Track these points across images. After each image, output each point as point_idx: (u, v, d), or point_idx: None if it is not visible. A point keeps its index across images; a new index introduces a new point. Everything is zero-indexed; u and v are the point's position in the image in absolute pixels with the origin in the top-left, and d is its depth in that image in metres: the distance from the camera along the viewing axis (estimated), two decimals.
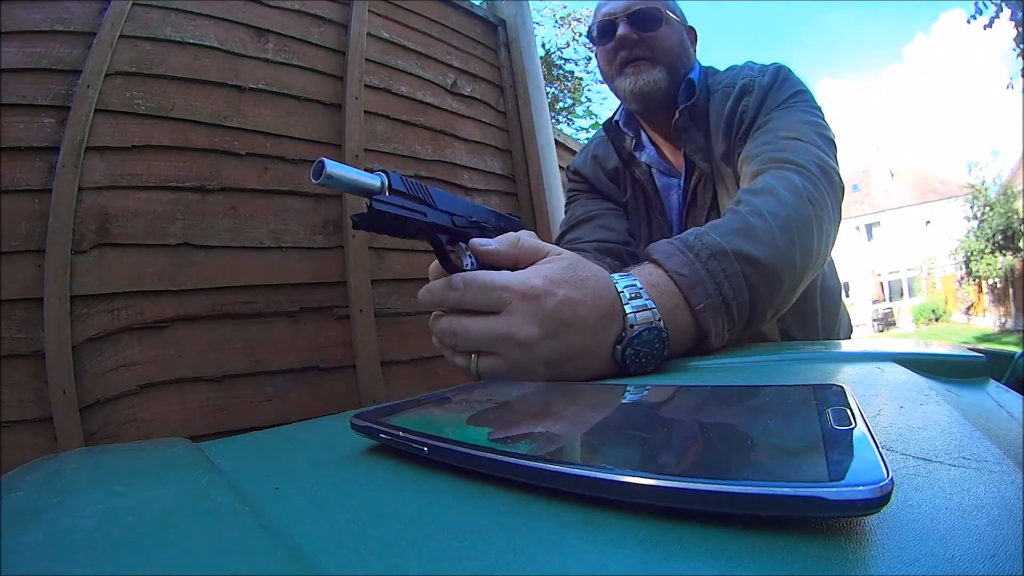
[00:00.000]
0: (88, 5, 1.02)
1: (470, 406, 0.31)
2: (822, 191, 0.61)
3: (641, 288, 0.44)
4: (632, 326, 0.41)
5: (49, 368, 0.87)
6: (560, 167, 1.94)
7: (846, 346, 0.50)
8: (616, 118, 0.95)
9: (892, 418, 0.24)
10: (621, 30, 0.82)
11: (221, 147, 1.11)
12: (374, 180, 0.37)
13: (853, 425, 0.19)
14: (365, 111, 1.35)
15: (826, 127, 0.73)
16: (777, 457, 0.18)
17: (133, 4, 1.05)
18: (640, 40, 0.83)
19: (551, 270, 0.42)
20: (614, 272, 0.46)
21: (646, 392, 0.31)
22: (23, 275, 0.89)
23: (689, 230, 0.51)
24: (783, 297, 0.54)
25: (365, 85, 1.37)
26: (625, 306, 0.42)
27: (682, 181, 0.87)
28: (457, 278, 0.41)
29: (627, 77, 0.85)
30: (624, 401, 0.29)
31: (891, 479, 0.14)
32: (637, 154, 0.91)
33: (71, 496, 0.23)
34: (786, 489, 0.14)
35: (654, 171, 0.91)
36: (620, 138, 0.94)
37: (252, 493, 0.22)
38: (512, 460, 0.19)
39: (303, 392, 1.13)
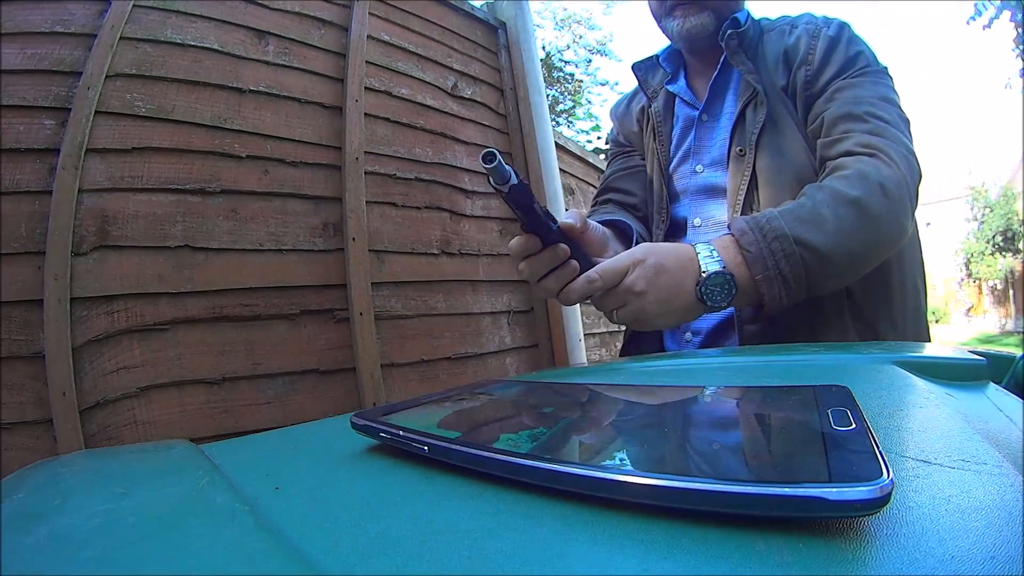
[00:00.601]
0: (89, 7, 1.02)
1: (470, 406, 0.31)
2: (903, 186, 0.68)
3: (714, 250, 0.62)
4: (704, 272, 0.60)
5: (49, 370, 0.87)
6: (560, 170, 1.94)
7: (847, 349, 0.50)
8: (658, 54, 0.98)
9: (892, 420, 0.24)
10: None
11: (221, 149, 1.11)
12: (512, 174, 0.51)
13: (853, 426, 0.19)
14: (365, 113, 1.35)
15: (901, 103, 0.78)
16: (778, 457, 0.18)
17: (134, 6, 1.06)
18: None
19: (642, 249, 0.62)
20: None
21: (647, 393, 0.31)
22: (23, 277, 0.89)
23: (766, 211, 0.65)
24: (840, 277, 0.67)
25: (365, 87, 1.37)
26: (700, 261, 0.61)
27: (698, 112, 0.89)
28: (593, 273, 0.61)
29: (675, 19, 0.87)
30: (626, 401, 0.29)
31: (891, 480, 0.14)
32: (669, 86, 0.95)
33: (72, 498, 0.23)
34: (786, 489, 0.14)
35: (678, 100, 0.94)
36: (651, 74, 0.98)
37: (252, 493, 0.22)
38: (513, 460, 0.19)
39: (303, 395, 1.13)
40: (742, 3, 0.90)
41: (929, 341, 0.84)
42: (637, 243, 0.82)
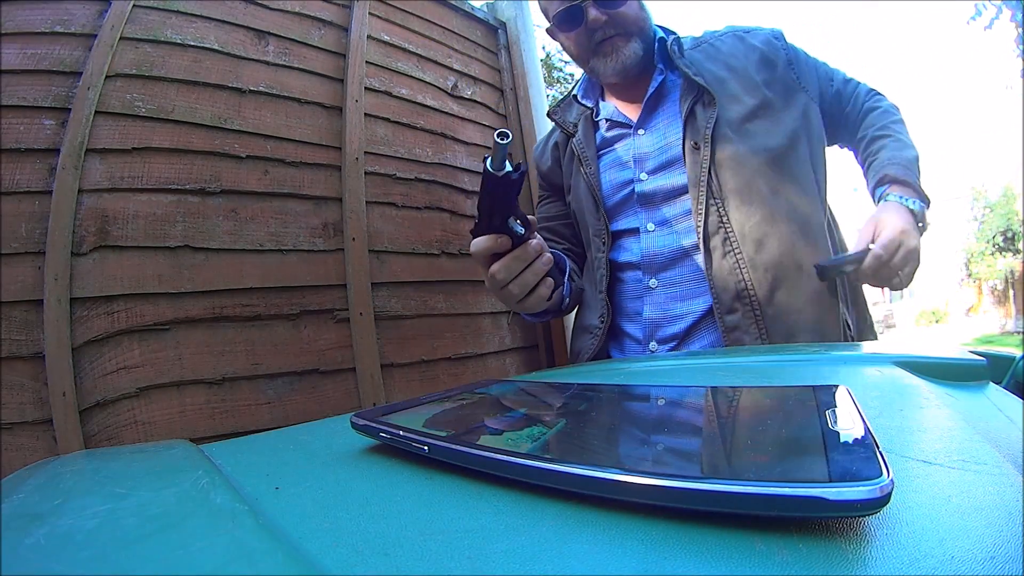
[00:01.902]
0: (89, 7, 1.02)
1: (470, 406, 0.31)
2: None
3: (903, 196, 0.82)
4: (920, 223, 0.81)
5: (49, 370, 0.87)
6: None
7: (847, 349, 0.50)
8: (575, 92, 1.02)
9: (892, 420, 0.24)
10: (592, 13, 0.86)
11: (221, 149, 1.11)
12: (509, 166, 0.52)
13: (853, 426, 0.19)
14: (365, 114, 1.35)
15: None
16: (778, 457, 0.18)
17: (134, 6, 1.06)
18: (609, 19, 0.87)
19: (888, 223, 0.78)
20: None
21: (647, 393, 0.31)
22: (23, 277, 0.89)
23: (895, 160, 0.85)
24: None
25: (365, 88, 1.37)
26: (908, 205, 0.81)
27: (633, 129, 0.93)
28: (878, 249, 0.75)
29: (605, 57, 0.90)
30: (625, 401, 0.29)
31: (891, 480, 0.14)
32: (603, 116, 0.97)
33: (73, 498, 0.23)
34: (786, 489, 0.14)
35: (603, 125, 0.98)
36: (567, 113, 1.02)
37: (252, 493, 0.22)
38: (512, 460, 0.19)
39: (303, 395, 1.13)
40: (651, 22, 0.94)
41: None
42: (570, 276, 0.88)
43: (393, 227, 1.36)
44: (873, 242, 0.77)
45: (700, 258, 0.82)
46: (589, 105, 0.98)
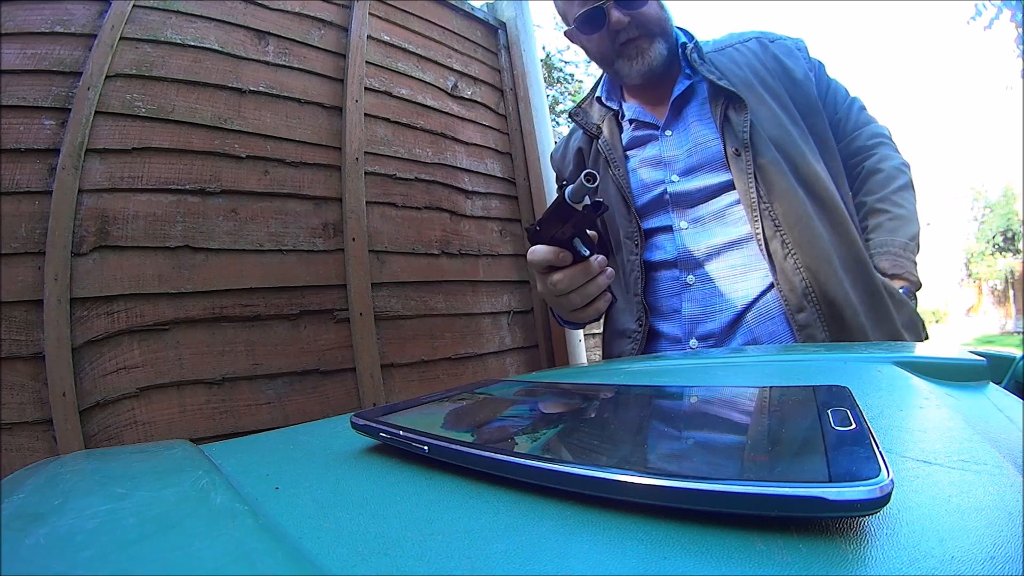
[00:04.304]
0: (89, 7, 1.02)
1: (470, 406, 0.31)
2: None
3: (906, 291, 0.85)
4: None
5: (49, 370, 0.87)
6: None
7: (847, 348, 0.50)
8: (599, 94, 1.01)
9: (892, 420, 0.24)
10: (615, 15, 0.85)
11: (221, 150, 1.11)
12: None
13: (854, 426, 0.19)
14: (365, 114, 1.35)
15: None
16: (778, 457, 0.18)
17: (134, 6, 1.06)
18: (632, 20, 0.86)
19: None
20: None
21: (648, 392, 0.31)
22: (23, 277, 0.89)
23: (888, 247, 0.87)
24: None
25: (365, 88, 1.37)
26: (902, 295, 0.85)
27: (660, 130, 0.92)
28: None
29: (631, 59, 0.89)
30: (626, 401, 0.29)
31: (891, 480, 0.14)
32: (631, 115, 0.96)
33: (72, 498, 0.23)
34: (786, 489, 0.14)
35: (628, 126, 0.97)
36: (587, 115, 1.02)
37: (252, 493, 0.22)
38: (512, 460, 0.19)
39: (303, 395, 1.13)
40: (672, 22, 0.93)
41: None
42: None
43: (393, 227, 1.36)
44: None
45: (737, 254, 0.83)
46: (614, 107, 0.98)
